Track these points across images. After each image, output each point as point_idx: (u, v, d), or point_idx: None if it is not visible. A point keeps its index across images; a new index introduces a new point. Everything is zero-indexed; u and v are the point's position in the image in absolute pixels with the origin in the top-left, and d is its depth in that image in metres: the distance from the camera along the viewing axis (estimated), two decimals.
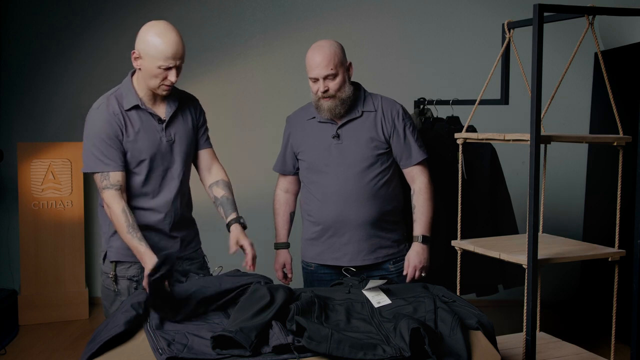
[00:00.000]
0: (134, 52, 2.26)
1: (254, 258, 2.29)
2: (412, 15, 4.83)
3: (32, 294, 4.47)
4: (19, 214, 4.48)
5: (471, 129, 3.18)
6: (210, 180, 2.51)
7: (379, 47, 4.78)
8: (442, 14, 4.82)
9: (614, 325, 2.46)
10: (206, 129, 2.55)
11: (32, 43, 4.89)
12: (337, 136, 2.59)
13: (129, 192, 2.33)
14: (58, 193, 4.52)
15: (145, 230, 2.33)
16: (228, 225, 2.38)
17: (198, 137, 2.51)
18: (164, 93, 2.31)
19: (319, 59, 2.49)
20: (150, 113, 2.34)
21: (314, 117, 2.64)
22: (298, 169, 2.74)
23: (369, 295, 2.08)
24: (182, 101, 2.45)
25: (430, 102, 3.44)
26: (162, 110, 2.38)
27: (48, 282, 4.51)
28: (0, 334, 4.09)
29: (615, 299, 2.42)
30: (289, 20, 4.85)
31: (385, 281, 2.20)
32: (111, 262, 2.37)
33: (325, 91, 2.51)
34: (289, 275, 2.78)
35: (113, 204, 2.24)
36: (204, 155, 2.54)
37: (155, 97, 2.35)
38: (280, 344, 1.70)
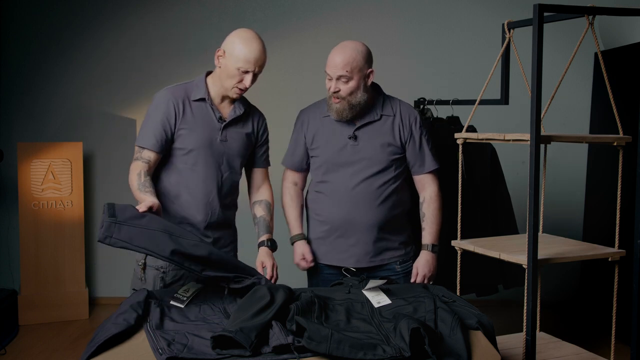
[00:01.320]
0: (218, 50, 2.38)
1: (275, 270, 2.42)
2: (412, 15, 4.84)
3: (32, 294, 4.47)
4: (19, 214, 4.48)
5: (471, 129, 3.18)
6: (255, 198, 2.61)
7: (379, 47, 4.75)
8: (442, 14, 4.82)
9: (614, 325, 2.46)
10: (267, 149, 2.63)
11: (32, 43, 4.89)
12: (354, 137, 2.57)
13: (183, 179, 2.41)
14: (58, 193, 4.52)
15: (181, 222, 2.41)
16: (259, 246, 2.48)
17: (257, 155, 2.60)
18: (235, 96, 2.41)
19: (337, 58, 2.46)
20: (213, 109, 2.43)
21: (329, 115, 2.61)
22: (309, 165, 2.72)
23: (369, 295, 2.08)
24: (249, 112, 2.53)
25: (430, 102, 3.44)
26: (226, 112, 2.47)
27: (48, 282, 4.51)
28: (0, 334, 4.09)
29: (615, 299, 2.41)
30: (289, 20, 4.85)
31: (385, 281, 2.20)
32: None
33: (336, 92, 2.50)
34: (311, 264, 2.65)
35: (133, 170, 2.34)
36: (257, 173, 2.63)
37: (224, 99, 2.45)
38: (280, 344, 1.70)
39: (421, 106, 3.48)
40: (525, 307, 2.16)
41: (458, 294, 2.56)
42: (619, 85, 2.98)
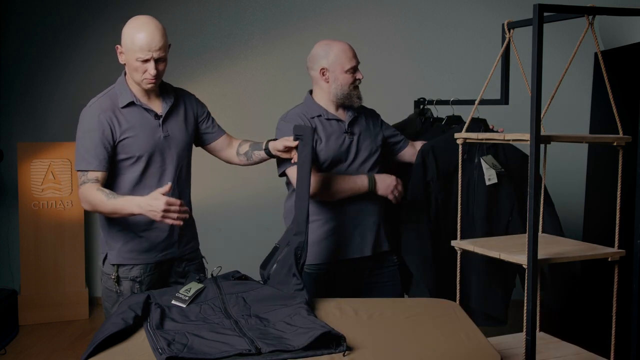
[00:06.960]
0: (118, 47, 2.30)
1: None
2: (412, 15, 4.84)
3: (32, 294, 4.47)
4: (19, 214, 4.48)
5: None
6: (234, 148, 2.56)
7: (379, 47, 4.78)
8: (442, 14, 4.82)
9: (614, 325, 2.46)
10: (212, 119, 2.57)
11: (32, 43, 4.89)
12: (350, 132, 2.65)
13: (125, 190, 2.32)
14: (58, 193, 4.52)
15: (145, 230, 2.34)
16: (267, 149, 2.47)
17: (208, 130, 2.54)
18: (148, 87, 2.31)
19: (351, 49, 2.60)
20: (146, 109, 2.35)
21: (320, 115, 2.62)
22: None
23: (484, 166, 2.12)
24: (178, 98, 2.46)
25: (430, 102, 3.43)
26: (158, 106, 2.38)
27: (48, 282, 4.51)
28: (0, 334, 4.09)
29: (615, 299, 2.41)
30: (289, 20, 4.85)
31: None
32: (112, 264, 2.37)
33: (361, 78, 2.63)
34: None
35: (88, 192, 2.21)
36: (223, 141, 2.57)
37: (148, 93, 2.36)
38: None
39: (421, 106, 3.48)
40: (525, 307, 2.16)
41: (457, 299, 2.54)
42: (619, 85, 2.97)
